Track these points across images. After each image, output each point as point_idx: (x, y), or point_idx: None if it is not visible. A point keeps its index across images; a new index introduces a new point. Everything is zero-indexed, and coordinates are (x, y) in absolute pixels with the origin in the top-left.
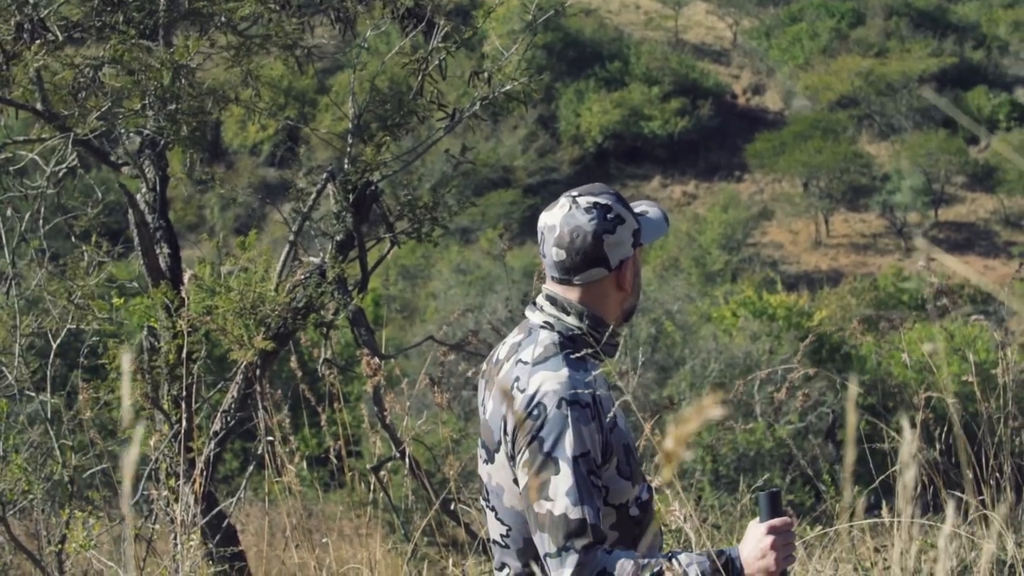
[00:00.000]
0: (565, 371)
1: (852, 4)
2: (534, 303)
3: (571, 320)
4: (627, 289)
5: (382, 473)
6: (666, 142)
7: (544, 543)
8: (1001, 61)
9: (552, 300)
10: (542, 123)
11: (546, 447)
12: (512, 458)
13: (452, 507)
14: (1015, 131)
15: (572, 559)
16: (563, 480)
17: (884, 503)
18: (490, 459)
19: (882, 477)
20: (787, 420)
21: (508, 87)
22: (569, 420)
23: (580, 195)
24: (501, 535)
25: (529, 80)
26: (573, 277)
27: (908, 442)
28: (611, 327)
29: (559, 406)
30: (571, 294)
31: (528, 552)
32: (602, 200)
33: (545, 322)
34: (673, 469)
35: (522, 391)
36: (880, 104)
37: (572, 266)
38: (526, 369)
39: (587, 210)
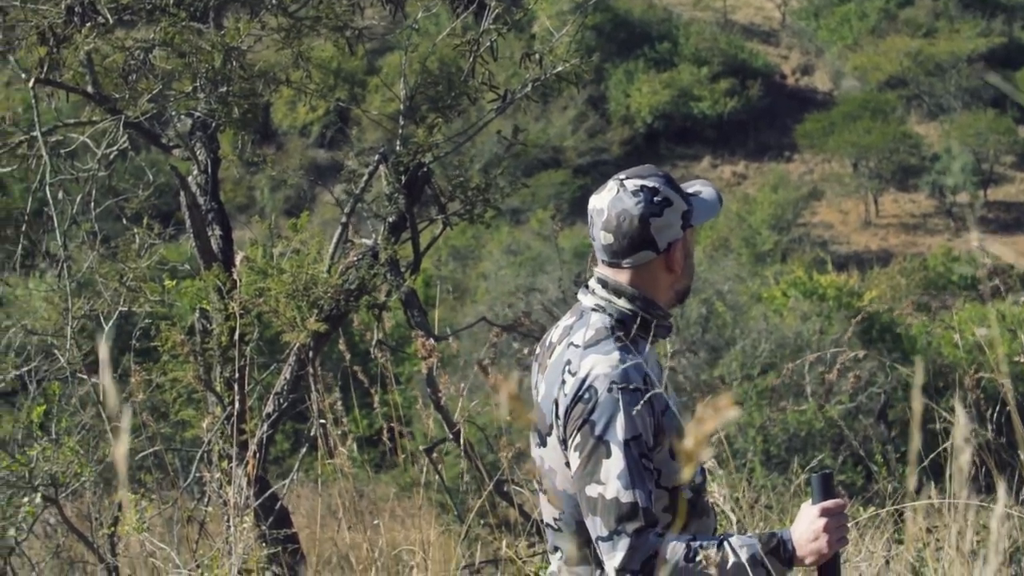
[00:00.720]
0: (616, 354)
1: None
2: (586, 286)
3: (622, 303)
4: (677, 271)
5: (434, 455)
6: (716, 122)
7: (596, 526)
8: None
9: (603, 283)
10: (592, 104)
11: (597, 430)
12: (564, 442)
13: (505, 488)
14: None
15: (624, 543)
16: (615, 463)
17: (934, 484)
18: (542, 442)
19: (932, 456)
20: (837, 400)
21: (559, 68)
22: (620, 403)
23: (628, 178)
24: (554, 518)
25: (580, 61)
26: (622, 260)
27: (962, 425)
28: (664, 309)
29: (610, 390)
30: (621, 276)
31: (581, 535)
32: (649, 183)
33: (597, 305)
34: (694, 469)
35: (573, 374)
36: (929, 84)
37: (620, 249)
38: (577, 352)
39: (634, 193)
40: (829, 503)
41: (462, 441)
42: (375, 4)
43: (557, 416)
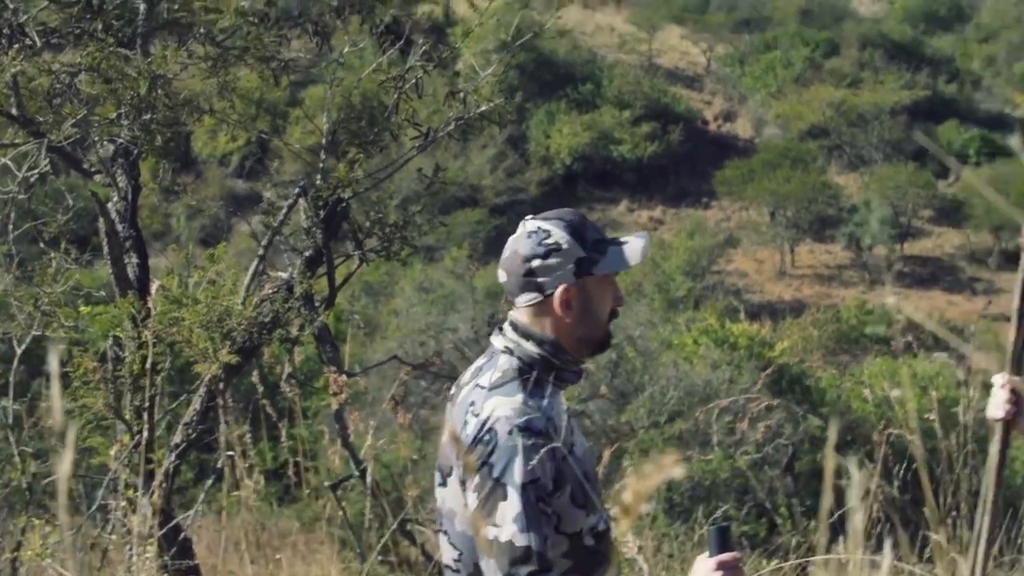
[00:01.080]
0: (519, 397)
1: (827, 34)
2: (500, 327)
3: (529, 346)
4: (568, 318)
5: (339, 491)
6: (635, 166)
7: (490, 569)
8: (974, 96)
9: (514, 326)
10: (512, 143)
11: (495, 472)
12: (463, 483)
13: (408, 527)
14: (984, 167)
15: None
16: (511, 507)
17: (842, 539)
18: (444, 483)
19: (840, 512)
20: (743, 451)
21: (483, 108)
22: (519, 447)
23: (533, 218)
24: (453, 559)
25: (504, 101)
26: (515, 299)
27: (856, 483)
28: (571, 354)
29: (510, 432)
30: (523, 317)
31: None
32: (547, 225)
33: (506, 347)
34: (631, 523)
35: (476, 415)
36: (851, 135)
37: (511, 288)
38: (482, 393)
39: (528, 234)
40: (725, 556)
41: (368, 479)
42: (301, 36)
43: (458, 457)
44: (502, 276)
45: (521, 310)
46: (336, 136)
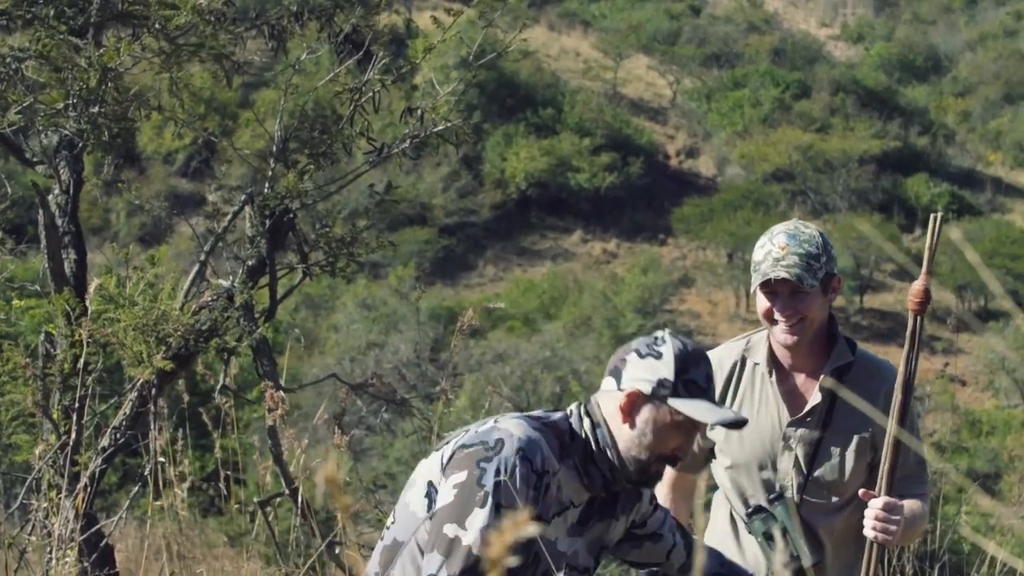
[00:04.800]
0: (540, 436)
1: (799, 75)
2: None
3: (586, 424)
4: (631, 426)
5: (268, 508)
6: (592, 196)
7: (435, 565)
8: (946, 150)
9: (588, 403)
10: (466, 163)
11: (484, 479)
12: (444, 468)
13: (336, 551)
14: (953, 223)
15: None
16: (483, 517)
17: None
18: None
19: None
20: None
21: (440, 127)
22: (517, 469)
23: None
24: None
25: (463, 122)
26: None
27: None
28: (617, 463)
29: (516, 452)
30: (599, 401)
31: (386, 553)
32: (670, 339)
33: (568, 411)
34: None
35: (493, 423)
36: (816, 181)
37: (608, 368)
38: (514, 414)
39: (654, 337)
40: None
41: (299, 498)
42: (256, 37)
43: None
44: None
45: (601, 394)
46: (287, 144)
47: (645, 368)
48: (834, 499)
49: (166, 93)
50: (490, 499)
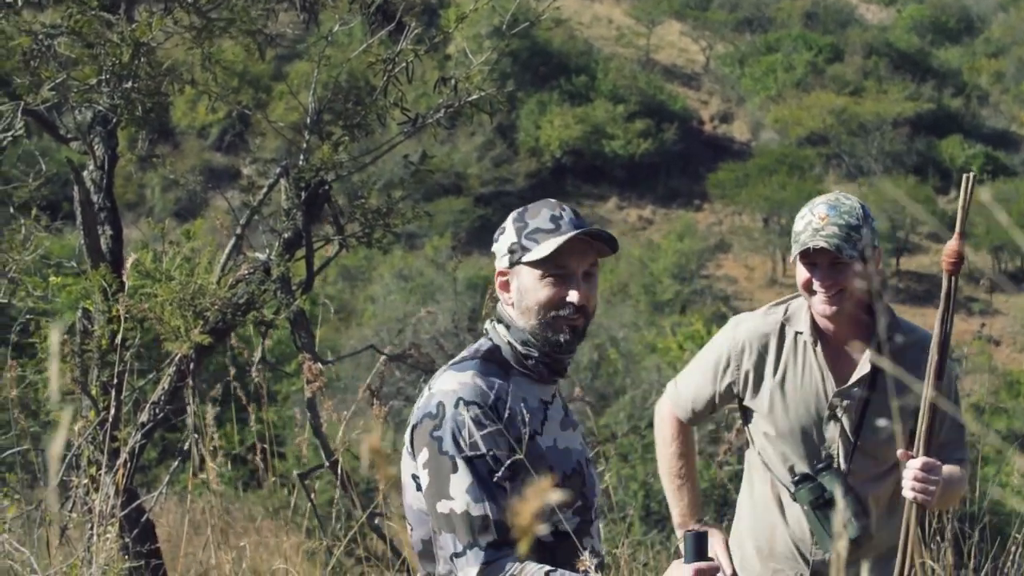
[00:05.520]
0: (471, 373)
1: (832, 39)
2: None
3: (500, 329)
4: (514, 303)
5: (307, 480)
6: (626, 163)
7: (450, 543)
8: (979, 111)
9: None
10: (501, 132)
11: (444, 447)
12: (413, 456)
13: (376, 521)
14: (987, 184)
15: (479, 556)
16: (462, 479)
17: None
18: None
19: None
20: (725, 461)
21: (474, 97)
22: (466, 420)
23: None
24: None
25: (496, 91)
26: None
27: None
28: (535, 345)
29: (456, 405)
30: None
31: (425, 555)
32: (519, 209)
33: (484, 329)
34: (529, 543)
35: (429, 390)
36: (850, 144)
37: None
38: (442, 370)
39: None
40: (703, 565)
41: (339, 470)
42: (288, 10)
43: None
44: None
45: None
46: (321, 116)
47: (499, 248)
48: (881, 467)
49: (199, 67)
50: (459, 460)
